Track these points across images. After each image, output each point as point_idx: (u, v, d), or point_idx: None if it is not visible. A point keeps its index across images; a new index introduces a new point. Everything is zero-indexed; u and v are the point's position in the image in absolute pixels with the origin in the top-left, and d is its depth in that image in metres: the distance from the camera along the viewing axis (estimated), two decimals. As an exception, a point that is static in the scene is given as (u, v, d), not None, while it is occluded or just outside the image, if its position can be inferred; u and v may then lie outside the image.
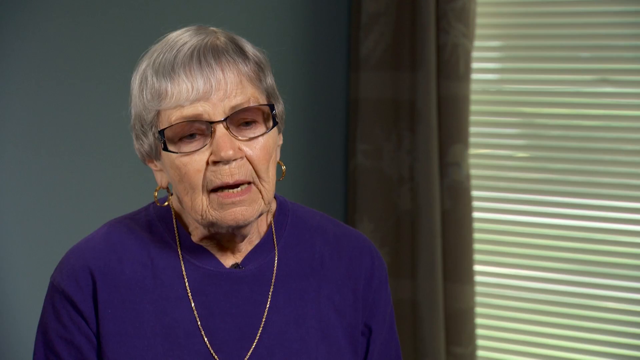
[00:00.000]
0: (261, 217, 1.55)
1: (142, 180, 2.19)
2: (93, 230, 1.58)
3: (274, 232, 1.57)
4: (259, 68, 1.49)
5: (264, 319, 1.52)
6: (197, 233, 1.53)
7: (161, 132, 1.45)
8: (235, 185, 1.45)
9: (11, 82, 2.44)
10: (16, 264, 2.46)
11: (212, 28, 1.51)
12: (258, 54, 1.50)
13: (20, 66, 2.44)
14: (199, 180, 1.45)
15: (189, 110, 1.43)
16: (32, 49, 2.46)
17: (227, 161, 1.44)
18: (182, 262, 1.53)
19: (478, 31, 2.97)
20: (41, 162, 2.49)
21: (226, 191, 1.45)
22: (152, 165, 1.53)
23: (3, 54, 2.42)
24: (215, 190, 1.46)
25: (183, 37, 1.47)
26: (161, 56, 1.46)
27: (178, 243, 1.54)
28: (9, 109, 2.44)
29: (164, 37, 1.51)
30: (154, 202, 1.58)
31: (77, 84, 2.54)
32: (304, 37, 3.08)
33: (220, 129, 1.44)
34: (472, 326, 3.00)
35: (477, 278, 3.03)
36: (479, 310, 3.04)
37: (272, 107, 1.48)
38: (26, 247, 2.48)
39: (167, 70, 1.44)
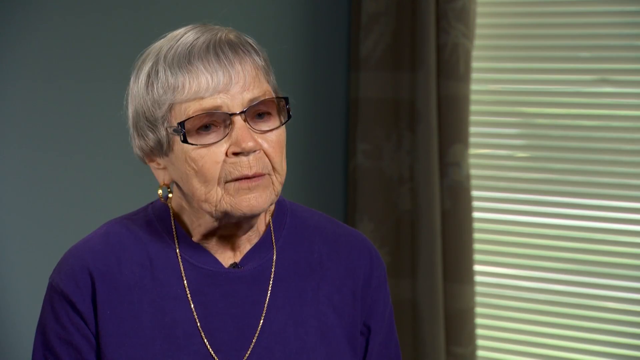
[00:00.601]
0: (260, 216, 1.55)
1: (141, 180, 2.19)
2: (92, 231, 1.58)
3: (272, 232, 1.57)
4: (267, 64, 1.50)
5: (262, 319, 1.52)
6: (198, 231, 1.53)
7: (181, 123, 1.44)
8: (254, 176, 1.46)
9: (11, 82, 2.44)
10: (16, 264, 2.46)
11: (217, 26, 1.51)
12: (263, 52, 1.51)
13: (20, 66, 2.44)
14: (216, 172, 1.45)
15: (208, 102, 1.44)
16: (32, 49, 2.46)
17: (247, 153, 1.44)
18: (180, 262, 1.53)
19: (478, 31, 2.97)
20: (41, 162, 2.49)
21: (242, 180, 1.46)
22: (153, 164, 1.52)
23: (3, 54, 2.42)
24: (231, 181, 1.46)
25: (192, 33, 1.47)
26: (172, 50, 1.46)
27: (176, 243, 1.54)
28: (9, 109, 2.44)
29: (166, 35, 1.50)
30: (152, 203, 1.58)
31: (76, 83, 2.54)
32: (304, 37, 3.08)
33: (239, 120, 1.44)
34: (472, 326, 3.00)
35: (477, 278, 3.03)
36: (479, 310, 3.04)
37: (286, 100, 1.49)
38: (26, 247, 2.48)
39: (183, 63, 1.44)
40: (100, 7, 2.58)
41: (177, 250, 1.54)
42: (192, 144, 1.45)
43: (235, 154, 1.44)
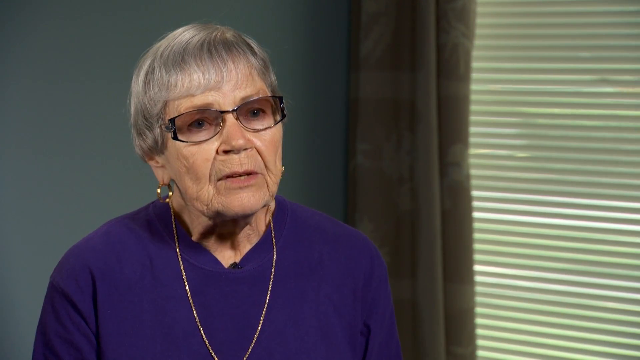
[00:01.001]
0: (260, 216, 1.55)
1: (142, 179, 2.19)
2: (93, 230, 1.58)
3: (272, 232, 1.57)
4: (264, 64, 1.50)
5: (262, 319, 1.52)
6: (197, 230, 1.53)
7: (172, 120, 1.45)
8: (245, 174, 1.46)
9: (11, 82, 2.44)
10: (16, 264, 2.46)
11: (216, 25, 1.52)
12: (262, 51, 1.51)
13: (20, 66, 2.44)
14: (206, 169, 1.45)
15: (199, 100, 1.44)
16: (32, 49, 2.46)
17: (237, 150, 1.44)
18: (181, 262, 1.53)
19: (478, 31, 2.97)
20: (41, 161, 2.49)
21: (233, 177, 1.45)
22: (152, 163, 1.53)
23: (3, 54, 2.42)
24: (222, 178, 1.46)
25: (189, 32, 1.49)
26: (169, 49, 1.47)
27: (177, 243, 1.54)
28: (9, 108, 2.44)
29: (166, 35, 1.51)
30: (153, 202, 1.58)
31: (77, 83, 2.54)
32: (304, 37, 3.08)
33: (230, 118, 1.44)
34: (472, 326, 3.00)
35: (477, 278, 3.03)
36: (479, 310, 3.04)
37: (281, 99, 1.49)
38: (26, 247, 2.48)
39: (177, 61, 1.45)
40: (101, 7, 2.58)
41: (177, 250, 1.54)
42: (182, 141, 1.45)
43: (226, 151, 1.45)
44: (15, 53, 2.43)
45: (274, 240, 1.57)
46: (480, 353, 3.05)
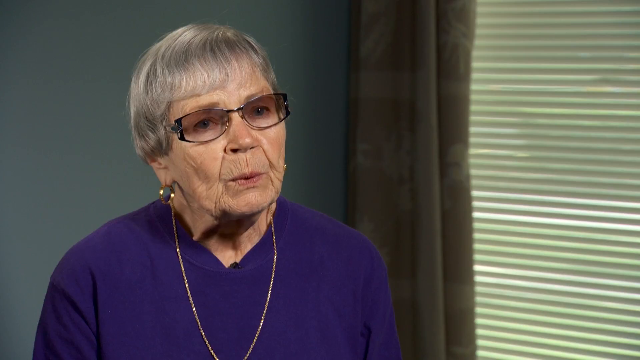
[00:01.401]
0: (262, 216, 1.55)
1: (142, 180, 2.19)
2: (93, 230, 1.58)
3: (273, 232, 1.57)
4: (265, 62, 1.51)
5: (262, 319, 1.52)
6: (200, 229, 1.53)
7: (178, 121, 1.44)
8: (252, 176, 1.46)
9: (11, 82, 2.44)
10: (16, 264, 2.46)
11: (215, 25, 1.52)
12: (263, 50, 1.51)
13: (20, 66, 2.44)
14: (215, 168, 1.45)
15: (205, 99, 1.44)
16: (32, 49, 2.46)
17: (245, 149, 1.44)
18: (181, 262, 1.53)
19: (478, 31, 2.97)
20: (41, 162, 2.49)
21: (242, 179, 1.46)
22: (154, 164, 1.53)
23: (3, 54, 2.42)
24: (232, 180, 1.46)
25: (190, 32, 1.48)
26: (170, 50, 1.46)
27: (177, 243, 1.54)
28: (9, 109, 2.44)
29: (164, 36, 1.51)
30: (154, 202, 1.58)
31: (77, 83, 2.54)
32: (304, 37, 3.08)
33: (236, 117, 1.45)
34: (472, 326, 3.00)
35: (477, 278, 3.03)
36: (479, 310, 3.04)
37: (284, 96, 1.49)
38: (26, 247, 2.48)
39: (180, 61, 1.45)
40: (101, 8, 2.58)
41: (178, 250, 1.54)
42: (189, 141, 1.45)
43: (234, 150, 1.45)
44: (15, 53, 2.43)
45: (274, 241, 1.57)
46: (480, 353, 3.05)
